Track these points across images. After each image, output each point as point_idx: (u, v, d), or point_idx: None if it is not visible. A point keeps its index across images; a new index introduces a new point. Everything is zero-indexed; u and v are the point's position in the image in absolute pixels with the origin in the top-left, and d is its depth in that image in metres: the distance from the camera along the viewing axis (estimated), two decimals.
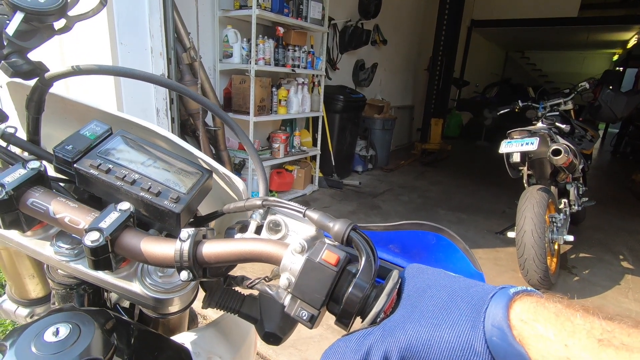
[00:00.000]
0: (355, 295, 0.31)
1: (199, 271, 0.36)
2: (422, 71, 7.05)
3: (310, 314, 0.32)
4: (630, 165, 6.65)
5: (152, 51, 2.28)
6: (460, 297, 0.28)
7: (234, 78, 3.25)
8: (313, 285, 0.32)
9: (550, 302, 0.26)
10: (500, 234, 3.25)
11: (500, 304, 0.26)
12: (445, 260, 0.40)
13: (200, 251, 0.35)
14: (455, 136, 8.46)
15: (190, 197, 0.41)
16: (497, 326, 0.25)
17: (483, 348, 0.25)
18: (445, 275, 0.32)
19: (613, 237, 3.44)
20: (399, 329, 0.28)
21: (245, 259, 0.35)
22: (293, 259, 0.34)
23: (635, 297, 2.47)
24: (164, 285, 0.43)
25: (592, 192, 4.78)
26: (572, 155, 2.35)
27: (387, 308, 0.31)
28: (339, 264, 0.32)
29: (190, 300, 0.46)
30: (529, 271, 2.31)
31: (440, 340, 0.26)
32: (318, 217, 0.36)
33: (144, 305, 0.44)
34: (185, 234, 0.35)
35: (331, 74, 4.74)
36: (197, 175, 0.45)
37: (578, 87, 3.08)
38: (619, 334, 0.22)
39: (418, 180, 5.02)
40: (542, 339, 0.24)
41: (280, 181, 3.72)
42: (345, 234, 0.33)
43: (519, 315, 0.25)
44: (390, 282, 0.32)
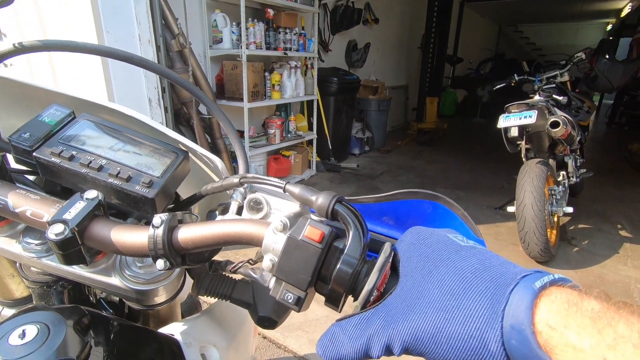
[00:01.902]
0: (344, 272, 0.29)
1: (176, 259, 0.33)
2: (415, 49, 6.95)
3: (297, 296, 0.30)
4: (626, 136, 6.67)
5: (140, 39, 2.22)
6: (473, 285, 0.25)
7: (226, 64, 3.19)
8: (297, 265, 0.30)
9: (585, 300, 0.22)
10: (499, 209, 3.27)
11: (523, 303, 0.22)
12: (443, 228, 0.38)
13: (175, 237, 0.33)
14: (451, 114, 8.41)
15: (164, 180, 0.39)
16: (518, 329, 0.22)
17: (499, 350, 0.22)
18: (452, 246, 0.28)
19: (611, 207, 3.48)
20: (401, 319, 0.25)
21: (225, 242, 0.33)
22: (275, 239, 0.32)
23: (634, 264, 2.50)
24: (144, 275, 0.41)
25: (589, 164, 4.80)
26: (570, 127, 2.34)
27: (380, 285, 0.28)
28: (323, 240, 0.29)
29: (177, 289, 0.44)
30: (529, 244, 2.33)
31: (450, 335, 0.24)
32: (299, 191, 0.34)
33: (126, 298, 0.42)
34: (158, 220, 0.33)
35: (324, 55, 4.66)
36: (171, 156, 0.42)
37: (574, 58, 3.04)
38: None
39: (415, 160, 5.02)
40: (574, 351, 0.20)
41: (278, 167, 3.70)
42: (330, 207, 0.31)
43: (546, 318, 0.22)
44: (382, 256, 0.29)
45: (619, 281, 2.31)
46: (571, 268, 2.44)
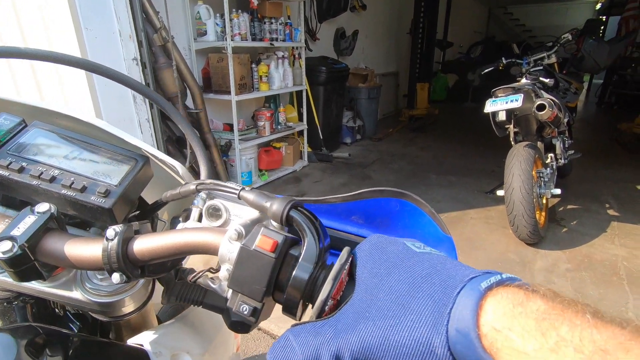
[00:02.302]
0: (299, 280, 0.28)
1: (133, 271, 0.32)
2: (404, 35, 6.89)
3: (252, 307, 0.29)
4: (616, 115, 6.72)
5: (121, 34, 2.18)
6: (422, 290, 0.24)
7: (211, 57, 3.15)
8: (251, 275, 0.29)
9: (532, 300, 0.21)
10: (490, 193, 3.30)
11: (469, 305, 0.22)
12: (412, 226, 0.38)
13: (131, 249, 0.32)
14: (442, 99, 8.41)
15: (123, 188, 0.38)
16: (463, 333, 0.21)
17: (446, 354, 0.22)
18: (407, 254, 0.28)
19: (599, 187, 3.52)
20: (351, 330, 0.25)
21: (182, 252, 0.33)
22: (230, 248, 0.31)
23: (621, 242, 2.55)
24: (107, 288, 0.40)
25: (579, 144, 4.83)
26: (556, 109, 2.35)
27: (336, 293, 0.28)
28: (277, 249, 0.29)
29: (146, 297, 0.43)
30: (518, 227, 2.36)
31: (397, 344, 0.23)
32: (253, 197, 0.33)
33: (90, 311, 0.41)
34: (111, 232, 0.32)
35: (311, 45, 4.61)
36: (130, 163, 0.41)
37: (561, 39, 3.04)
38: (615, 350, 0.18)
39: (407, 147, 5.03)
40: (518, 354, 0.20)
41: (269, 159, 3.69)
42: (284, 214, 0.30)
43: (492, 320, 0.21)
44: (337, 264, 0.28)
45: (606, 260, 2.35)
46: (560, 249, 2.48)
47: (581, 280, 2.15)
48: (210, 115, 3.31)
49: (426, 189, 3.53)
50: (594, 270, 2.25)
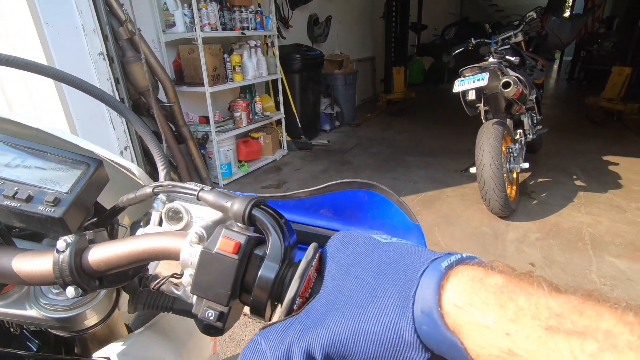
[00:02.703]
0: (265, 279, 0.28)
1: (90, 283, 0.31)
2: (378, 19, 6.89)
3: (219, 312, 0.28)
4: (585, 90, 6.94)
5: (84, 29, 2.13)
6: (387, 276, 0.25)
7: (182, 49, 3.10)
8: (215, 279, 0.28)
9: (490, 275, 0.22)
10: (464, 171, 3.39)
11: (431, 285, 0.22)
12: (380, 216, 0.38)
13: (85, 260, 0.30)
14: (419, 82, 8.48)
15: (74, 195, 0.35)
16: (427, 313, 0.22)
17: (413, 337, 0.22)
18: (373, 244, 0.28)
19: (568, 160, 3.68)
20: (320, 322, 0.25)
21: (142, 260, 0.31)
22: (192, 252, 0.30)
23: (587, 210, 2.69)
24: (64, 302, 0.37)
25: (549, 120, 5.00)
26: (521, 86, 2.44)
27: (304, 291, 0.27)
28: (240, 250, 0.28)
29: (110, 307, 0.41)
30: (490, 201, 2.46)
31: (366, 333, 0.23)
32: (213, 197, 0.32)
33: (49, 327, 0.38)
34: (62, 244, 0.30)
35: (285, 32, 4.57)
36: (82, 167, 0.38)
37: (526, 17, 3.12)
38: (570, 314, 0.19)
39: (385, 131, 5.09)
40: (479, 328, 0.20)
41: (248, 150, 3.69)
42: (246, 213, 0.29)
43: (452, 298, 0.22)
44: (303, 262, 0.28)
45: (572, 227, 2.48)
46: (530, 220, 2.60)
47: (549, 248, 2.27)
48: (185, 108, 3.28)
49: (404, 171, 3.61)
50: (561, 237, 2.38)
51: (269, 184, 3.42)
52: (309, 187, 0.39)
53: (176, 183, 0.35)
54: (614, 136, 4.35)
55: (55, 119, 2.13)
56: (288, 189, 3.28)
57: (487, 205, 2.53)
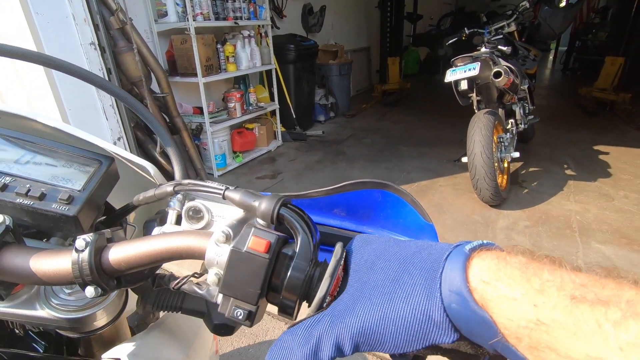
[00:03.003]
0: (296, 279, 0.28)
1: (109, 283, 0.30)
2: (373, 9, 6.84)
3: (247, 311, 0.28)
4: (579, 80, 6.97)
5: (75, 18, 2.12)
6: (412, 264, 0.26)
7: (174, 39, 3.08)
8: (244, 278, 0.28)
9: (512, 256, 0.23)
10: (457, 161, 3.42)
11: (457, 266, 0.23)
12: (394, 216, 0.38)
13: (106, 259, 0.30)
14: (415, 73, 8.46)
15: (88, 193, 0.35)
16: (456, 291, 0.22)
17: (442, 317, 0.23)
18: (394, 243, 0.29)
19: (559, 149, 3.72)
20: (348, 312, 0.25)
21: (164, 259, 0.31)
22: (218, 251, 0.29)
23: (576, 198, 2.74)
24: (76, 302, 0.36)
25: (543, 110, 5.04)
26: (512, 76, 2.46)
27: (333, 290, 0.28)
28: (270, 249, 0.28)
29: (120, 308, 0.40)
30: (481, 190, 2.50)
31: (396, 316, 0.24)
32: (240, 196, 0.31)
33: (58, 328, 0.38)
34: (81, 242, 0.29)
35: (279, 22, 4.54)
36: (94, 165, 0.37)
37: (519, 7, 3.13)
38: (592, 287, 0.20)
39: (380, 122, 5.10)
40: (507, 300, 0.21)
41: (242, 141, 3.70)
42: (274, 213, 0.29)
43: (479, 275, 0.22)
44: (333, 260, 0.28)
45: (561, 215, 2.53)
46: (520, 208, 2.65)
47: (538, 235, 2.32)
48: (179, 99, 3.27)
49: (398, 161, 3.64)
50: (550, 225, 2.43)
51: (264, 175, 3.44)
52: (303, 177, 0.39)
53: (198, 182, 0.34)
54: (605, 126, 4.39)
55: (48, 110, 2.13)
56: (283, 179, 3.31)
57: (478, 194, 2.57)
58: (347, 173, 3.40)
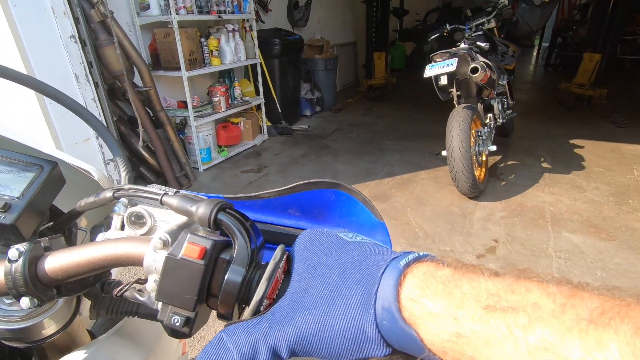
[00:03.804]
0: (232, 284, 0.28)
1: (46, 293, 0.30)
2: (359, 4, 6.86)
3: (185, 318, 0.28)
4: (559, 76, 7.13)
5: (54, 11, 2.11)
6: (351, 276, 0.26)
7: (157, 32, 3.07)
8: (180, 285, 0.28)
9: (440, 269, 0.24)
10: (438, 155, 3.50)
11: (390, 283, 0.24)
12: (347, 215, 0.39)
13: (42, 269, 0.29)
14: (401, 68, 8.54)
15: (27, 200, 0.34)
16: (387, 309, 0.23)
17: (375, 333, 0.24)
18: (339, 243, 0.29)
19: (537, 143, 3.83)
20: (287, 320, 0.25)
21: (103, 267, 0.30)
22: (156, 257, 0.29)
23: (550, 190, 2.85)
24: (19, 312, 0.35)
25: (523, 105, 5.17)
26: (490, 71, 2.53)
27: (271, 292, 0.28)
28: (205, 255, 0.28)
29: (70, 315, 0.39)
30: (459, 182, 2.58)
31: (332, 329, 0.24)
32: (177, 202, 0.31)
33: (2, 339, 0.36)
34: (14, 253, 0.29)
35: (264, 16, 4.54)
36: (35, 170, 0.36)
37: (499, 4, 3.20)
38: (504, 293, 0.21)
39: (365, 116, 5.16)
40: (431, 317, 0.22)
41: (228, 135, 3.71)
42: (211, 218, 0.29)
43: (409, 292, 0.23)
44: (271, 264, 0.28)
45: (535, 206, 2.63)
46: (497, 200, 2.74)
47: (512, 225, 2.42)
48: (163, 93, 3.26)
49: (381, 154, 3.71)
50: (524, 215, 2.53)
51: (249, 169, 3.47)
52: (288, 171, 0.40)
53: (138, 187, 0.34)
54: (582, 120, 4.54)
55: (29, 105, 2.11)
56: (267, 173, 3.34)
57: (457, 186, 2.65)
58: (331, 166, 3.45)
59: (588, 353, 0.17)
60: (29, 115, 2.12)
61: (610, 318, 0.17)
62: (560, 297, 0.20)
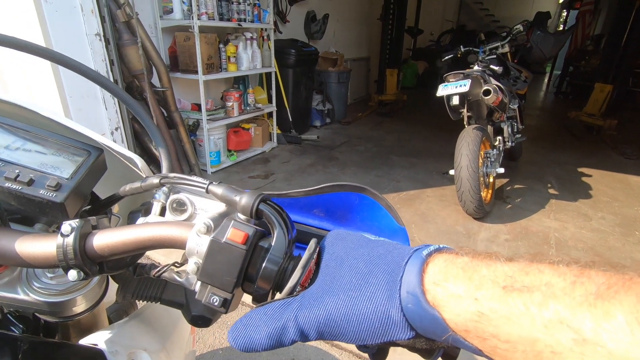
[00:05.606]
0: (269, 270, 0.30)
1: (92, 268, 0.32)
2: (375, 21, 6.98)
3: (222, 299, 0.30)
4: (570, 104, 7.17)
5: (83, 9, 2.18)
6: (377, 266, 0.28)
7: (178, 35, 3.15)
8: (222, 267, 0.30)
9: (458, 256, 0.26)
10: (445, 173, 3.52)
11: (414, 270, 0.26)
12: (369, 219, 0.40)
13: (90, 244, 0.31)
14: (412, 86, 8.62)
15: (75, 181, 0.36)
16: (412, 292, 0.25)
17: (400, 317, 0.25)
18: (365, 241, 0.31)
19: (545, 169, 3.84)
20: (317, 302, 0.27)
21: (146, 247, 0.32)
22: (199, 241, 0.31)
23: (556, 216, 2.84)
24: (57, 286, 0.38)
25: (532, 130, 5.19)
26: (502, 95, 2.56)
27: (304, 281, 0.30)
28: (247, 241, 0.30)
29: (99, 296, 0.41)
30: (465, 202, 2.59)
31: (359, 313, 0.26)
32: (222, 191, 0.33)
33: (37, 311, 0.39)
34: (67, 228, 0.30)
35: (281, 27, 4.63)
36: (83, 155, 0.38)
37: (513, 30, 3.25)
38: (519, 276, 0.23)
39: (374, 131, 5.20)
40: (453, 298, 0.24)
41: (238, 140, 3.76)
42: (254, 208, 0.31)
43: (432, 277, 0.25)
44: (307, 254, 0.30)
45: (540, 231, 2.63)
46: (502, 222, 2.74)
47: (516, 249, 2.41)
48: (178, 95, 3.33)
49: (388, 170, 3.73)
50: (528, 240, 2.52)
51: (257, 175, 3.50)
52: (295, 179, 0.42)
53: (183, 176, 0.36)
54: (591, 149, 4.54)
55: (49, 96, 2.17)
56: (275, 180, 3.37)
57: (463, 206, 2.66)
58: (337, 178, 3.48)
59: (598, 324, 0.19)
60: (43, 86, 2.16)
61: (615, 291, 0.19)
62: (570, 275, 0.21)
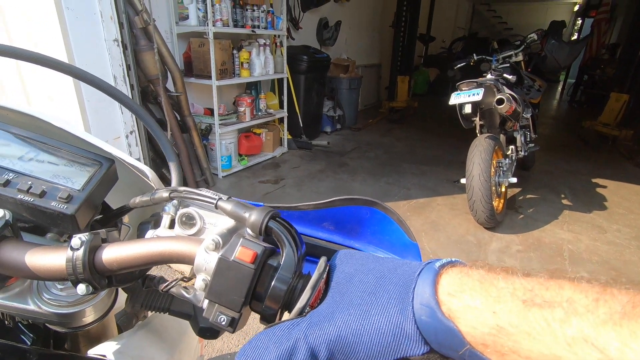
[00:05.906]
0: (278, 290, 0.29)
1: (100, 282, 0.32)
2: (387, 28, 7.00)
3: (230, 318, 0.29)
4: (584, 114, 7.06)
5: (102, 15, 2.23)
6: (388, 280, 0.27)
7: (193, 41, 3.20)
8: (230, 286, 0.29)
9: (473, 269, 0.26)
10: (456, 182, 3.49)
11: (427, 281, 0.25)
12: (380, 233, 0.39)
13: (99, 258, 0.31)
14: (423, 93, 8.60)
15: (86, 193, 0.36)
16: (426, 304, 0.24)
17: (413, 329, 0.24)
18: (373, 259, 0.31)
19: (558, 179, 3.78)
20: (326, 320, 0.26)
21: (154, 262, 0.32)
22: (207, 258, 0.31)
23: (570, 228, 2.79)
24: (67, 298, 0.38)
25: (546, 139, 5.12)
26: (515, 104, 2.54)
27: (314, 301, 0.29)
28: (256, 260, 0.29)
29: (108, 307, 0.41)
30: (477, 212, 2.56)
31: (370, 328, 0.25)
32: (232, 207, 0.33)
33: (47, 322, 0.39)
34: (77, 241, 0.30)
35: (294, 33, 4.68)
36: (94, 166, 0.38)
37: (527, 38, 3.23)
38: (539, 290, 0.22)
39: (385, 138, 5.19)
40: (470, 310, 0.23)
41: (249, 145, 3.79)
42: (263, 225, 0.31)
43: (446, 289, 0.25)
44: (316, 273, 0.29)
45: (553, 243, 2.58)
46: (514, 233, 2.70)
47: (529, 260, 2.37)
48: (191, 100, 3.37)
49: (399, 177, 3.71)
50: (541, 251, 2.48)
51: (267, 179, 3.52)
52: (305, 184, 0.42)
53: (193, 189, 0.35)
54: (605, 160, 4.46)
55: (68, 99, 2.22)
56: (285, 185, 3.38)
57: (474, 215, 2.63)
58: (348, 184, 3.47)
59: (624, 344, 0.18)
60: (62, 89, 2.21)
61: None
62: (593, 292, 0.21)
